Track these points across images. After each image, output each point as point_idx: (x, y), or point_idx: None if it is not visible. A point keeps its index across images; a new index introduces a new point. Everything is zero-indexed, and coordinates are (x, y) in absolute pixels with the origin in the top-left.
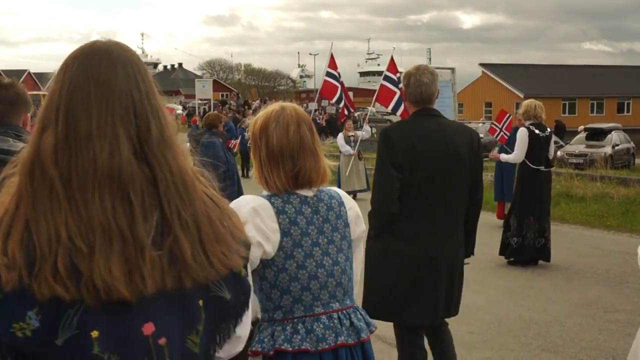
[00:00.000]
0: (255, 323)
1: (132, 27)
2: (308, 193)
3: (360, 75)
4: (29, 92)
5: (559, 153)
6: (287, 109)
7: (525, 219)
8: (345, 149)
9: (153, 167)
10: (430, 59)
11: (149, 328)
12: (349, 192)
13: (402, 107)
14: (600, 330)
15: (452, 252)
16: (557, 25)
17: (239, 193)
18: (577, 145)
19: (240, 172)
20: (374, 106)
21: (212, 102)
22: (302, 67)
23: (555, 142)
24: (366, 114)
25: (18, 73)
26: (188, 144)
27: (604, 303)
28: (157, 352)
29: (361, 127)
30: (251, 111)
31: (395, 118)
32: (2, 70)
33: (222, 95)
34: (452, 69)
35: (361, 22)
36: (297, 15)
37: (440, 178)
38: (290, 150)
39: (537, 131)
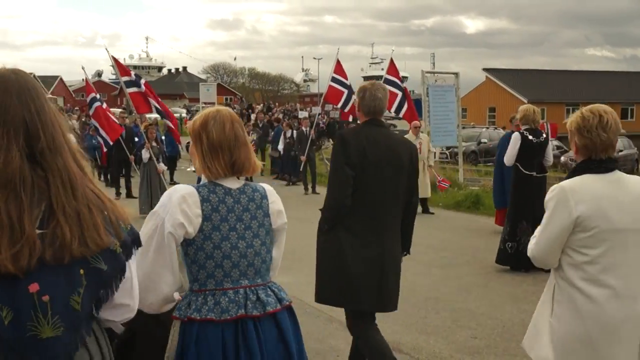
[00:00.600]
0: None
1: (136, 31)
2: (233, 185)
3: (364, 80)
4: None
5: (562, 158)
6: (222, 110)
7: (518, 224)
8: None
9: (45, 170)
10: (433, 64)
11: (34, 287)
12: None
13: (404, 108)
14: None
15: (393, 247)
16: (561, 31)
17: None
18: None
19: None
20: None
21: (216, 105)
22: (305, 71)
23: (559, 148)
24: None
25: None
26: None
27: None
28: (40, 306)
29: None
30: (255, 115)
31: (401, 123)
32: None
33: (226, 99)
34: (456, 74)
35: (365, 26)
36: (300, 19)
37: (385, 180)
38: (227, 143)
39: (530, 137)
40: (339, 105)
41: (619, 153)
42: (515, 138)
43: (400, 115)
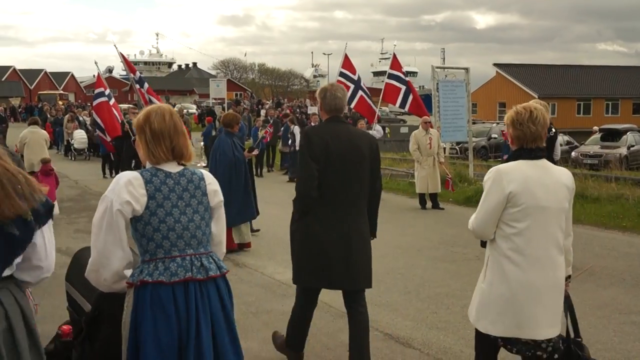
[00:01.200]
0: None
1: (147, 27)
2: (173, 170)
3: (374, 75)
4: (46, 92)
5: (573, 154)
6: (163, 105)
7: None
8: None
9: None
10: (444, 59)
11: None
12: None
13: (409, 102)
14: (615, 332)
15: (360, 229)
16: (572, 26)
17: (246, 189)
18: (592, 146)
19: (254, 171)
20: (384, 105)
21: (226, 101)
22: (315, 66)
23: (569, 143)
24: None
25: (35, 73)
26: (202, 143)
27: (619, 305)
28: None
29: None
30: (265, 110)
31: (411, 118)
32: (19, 70)
33: (236, 95)
34: (466, 69)
35: (375, 22)
36: (311, 15)
37: (348, 170)
38: (167, 130)
39: None
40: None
41: (630, 149)
42: None
43: (406, 108)
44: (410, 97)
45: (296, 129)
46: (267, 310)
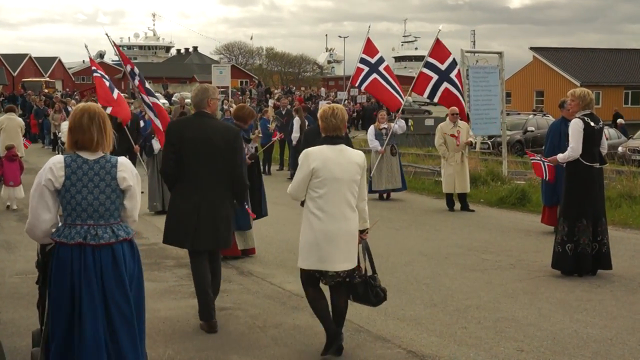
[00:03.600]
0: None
1: (142, 7)
2: (90, 157)
3: (395, 61)
4: (30, 79)
5: (620, 149)
6: (91, 104)
7: (577, 222)
8: (374, 144)
9: None
10: (474, 42)
11: None
12: (380, 192)
13: (439, 93)
14: None
15: (214, 202)
16: (617, 4)
17: (252, 185)
18: None
19: (261, 168)
20: (410, 95)
21: (230, 89)
22: (330, 51)
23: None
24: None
25: (18, 58)
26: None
27: None
28: None
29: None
30: (274, 100)
31: (437, 108)
32: (2, 55)
33: (242, 83)
34: (500, 53)
35: (395, 0)
36: None
37: (201, 154)
38: (88, 125)
39: (592, 123)
40: (357, 84)
41: None
42: (578, 125)
43: (435, 100)
44: (443, 87)
45: (296, 121)
46: (276, 324)
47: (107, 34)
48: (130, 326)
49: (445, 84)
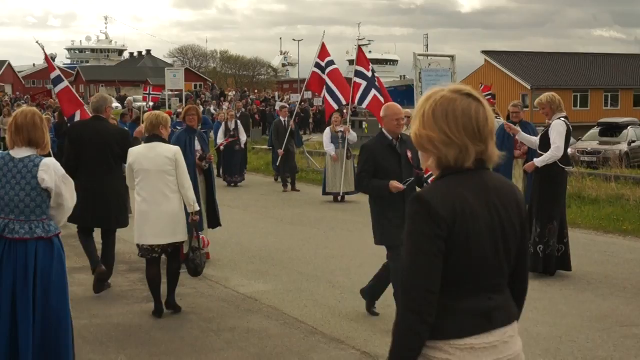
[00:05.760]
0: None
1: (94, 10)
2: (18, 155)
3: (350, 64)
4: None
5: (569, 150)
6: (30, 108)
7: (549, 224)
8: (329, 148)
9: None
10: (427, 46)
11: None
12: (334, 194)
13: (369, 99)
14: (615, 347)
15: (104, 188)
16: (566, 10)
17: (208, 196)
18: (590, 142)
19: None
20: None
21: (184, 93)
22: (284, 54)
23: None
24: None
25: None
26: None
27: (619, 316)
28: None
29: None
30: (228, 103)
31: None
32: None
33: (196, 86)
34: (452, 57)
35: (349, 4)
36: None
37: (93, 151)
38: (26, 126)
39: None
40: (322, 94)
41: (631, 145)
42: (562, 126)
43: (364, 106)
44: (371, 95)
45: (238, 124)
46: (230, 327)
47: (37, 42)
48: (27, 324)
49: (374, 91)
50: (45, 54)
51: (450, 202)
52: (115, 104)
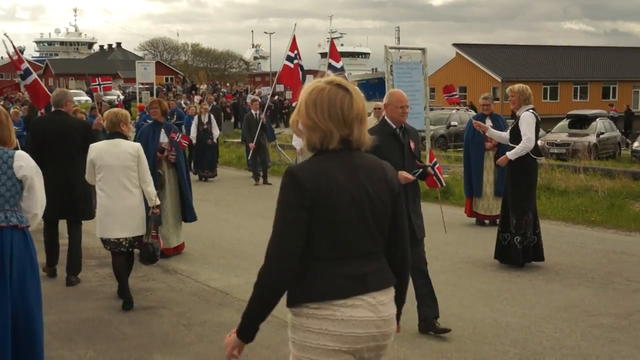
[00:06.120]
0: None
1: (63, 2)
2: None
3: (322, 57)
4: None
5: (539, 142)
6: None
7: (524, 216)
8: (297, 142)
9: None
10: (398, 39)
11: None
12: None
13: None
14: (582, 336)
15: (69, 180)
16: (535, 3)
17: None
18: (559, 134)
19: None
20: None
21: (154, 86)
22: (256, 47)
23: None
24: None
25: None
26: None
27: (587, 306)
28: None
29: None
30: (200, 96)
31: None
32: None
33: (167, 79)
34: (423, 50)
35: None
36: None
37: (58, 144)
38: None
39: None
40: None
41: (599, 137)
42: (530, 117)
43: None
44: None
45: (212, 117)
46: (201, 321)
47: (5, 34)
48: (5, 314)
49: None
50: (14, 47)
51: (315, 176)
52: (86, 97)
